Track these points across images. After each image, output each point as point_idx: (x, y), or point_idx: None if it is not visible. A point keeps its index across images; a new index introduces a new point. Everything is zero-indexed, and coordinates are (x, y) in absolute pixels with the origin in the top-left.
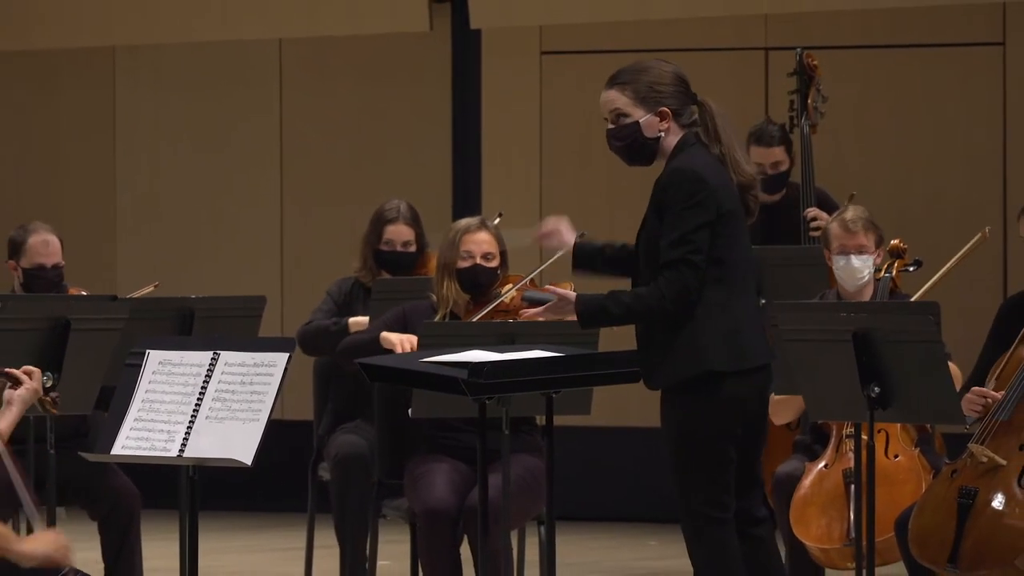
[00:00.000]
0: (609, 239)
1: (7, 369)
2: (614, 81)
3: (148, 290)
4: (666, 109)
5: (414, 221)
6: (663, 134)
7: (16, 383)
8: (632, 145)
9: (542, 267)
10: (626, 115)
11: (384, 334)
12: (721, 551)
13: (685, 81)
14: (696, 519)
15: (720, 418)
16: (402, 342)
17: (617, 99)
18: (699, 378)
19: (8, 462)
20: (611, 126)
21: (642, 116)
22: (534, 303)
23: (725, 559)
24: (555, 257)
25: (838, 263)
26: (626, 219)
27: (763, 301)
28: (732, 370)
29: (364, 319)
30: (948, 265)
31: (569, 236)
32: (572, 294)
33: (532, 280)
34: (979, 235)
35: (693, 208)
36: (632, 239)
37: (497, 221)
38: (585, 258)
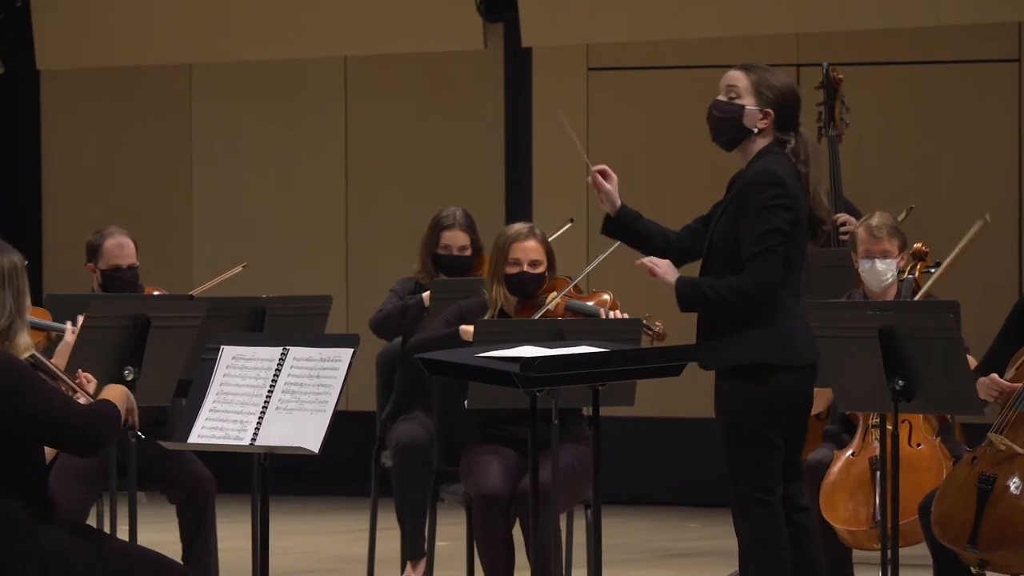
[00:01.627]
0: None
1: (67, 379)
2: (745, 66)
3: (237, 270)
4: (771, 111)
5: (469, 227)
6: (757, 131)
7: (74, 391)
8: (727, 122)
9: (585, 271)
10: (738, 96)
11: (464, 327)
12: (766, 531)
13: (797, 106)
14: (743, 500)
15: (768, 408)
16: None
17: (739, 80)
18: (751, 368)
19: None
20: (721, 98)
21: (750, 104)
22: (578, 313)
23: (770, 538)
24: (597, 261)
25: (864, 266)
26: (666, 221)
27: None
28: (783, 364)
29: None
30: (957, 248)
31: (617, 198)
32: (675, 273)
33: (578, 286)
34: (979, 222)
35: (774, 208)
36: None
37: (568, 226)
38: (626, 219)
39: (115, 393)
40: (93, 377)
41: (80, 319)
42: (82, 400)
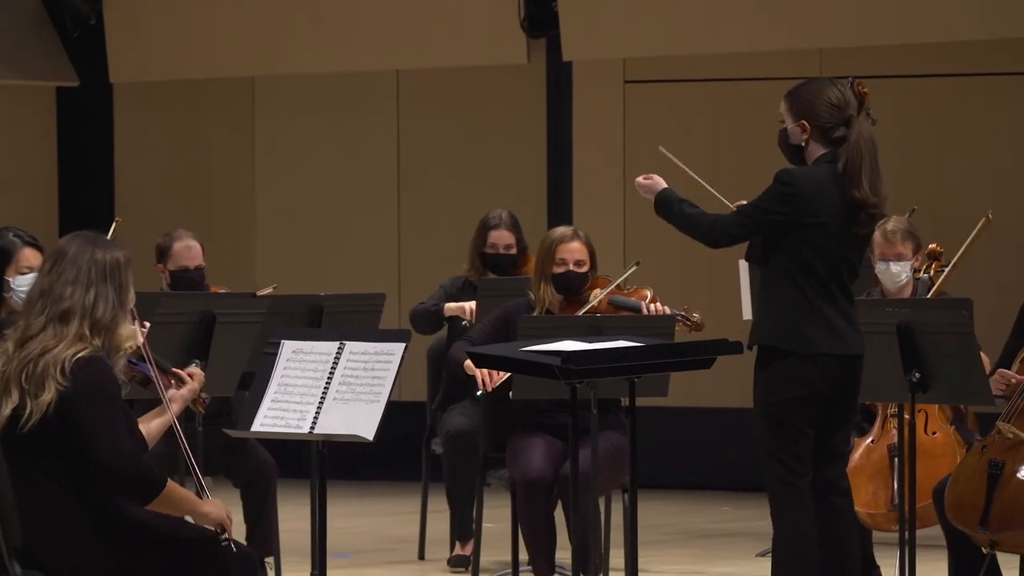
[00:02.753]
0: (691, 248)
1: (175, 370)
2: (787, 93)
3: (268, 291)
4: (805, 123)
5: (514, 227)
6: (805, 144)
7: (180, 383)
8: (782, 146)
9: (626, 274)
10: (783, 121)
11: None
12: (790, 511)
13: (837, 104)
14: (771, 480)
15: (785, 393)
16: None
17: (781, 107)
18: (768, 351)
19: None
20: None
21: (789, 124)
22: (621, 307)
23: (793, 519)
24: (630, 271)
25: (879, 267)
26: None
27: None
28: (791, 350)
29: (457, 305)
30: (964, 244)
31: (661, 182)
32: (662, 184)
33: (620, 285)
34: (983, 220)
35: (773, 198)
36: (711, 250)
37: (633, 269)
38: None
39: (181, 495)
40: (198, 371)
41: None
42: (184, 391)
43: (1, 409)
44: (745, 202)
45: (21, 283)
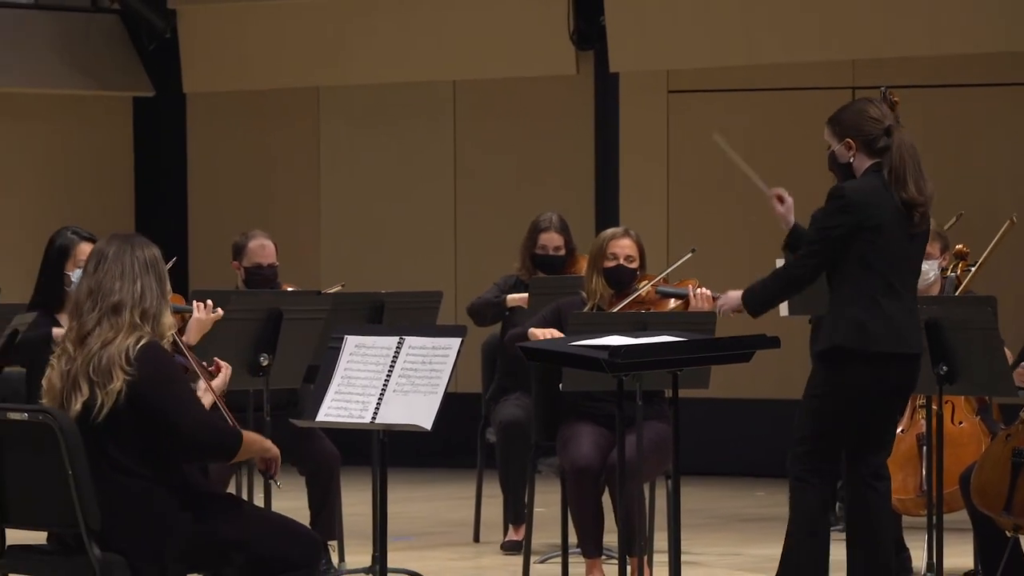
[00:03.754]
0: (731, 248)
1: (217, 361)
2: (827, 120)
3: (336, 288)
4: (850, 140)
5: (564, 230)
6: (852, 160)
7: (211, 376)
8: (833, 168)
9: (681, 260)
10: (829, 145)
11: (532, 330)
12: (803, 498)
13: (875, 118)
14: (793, 465)
15: (844, 391)
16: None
17: (826, 133)
18: (831, 353)
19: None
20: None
21: (836, 146)
22: (667, 296)
23: (806, 505)
24: (681, 261)
25: None
26: (741, 231)
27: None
28: (855, 348)
29: (519, 295)
30: (991, 245)
31: (791, 217)
32: (737, 294)
33: (665, 278)
34: (1008, 222)
35: (830, 214)
36: (751, 249)
37: (688, 256)
38: (797, 235)
39: (253, 437)
40: (226, 364)
41: (208, 302)
42: (206, 396)
43: (72, 404)
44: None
45: (79, 277)
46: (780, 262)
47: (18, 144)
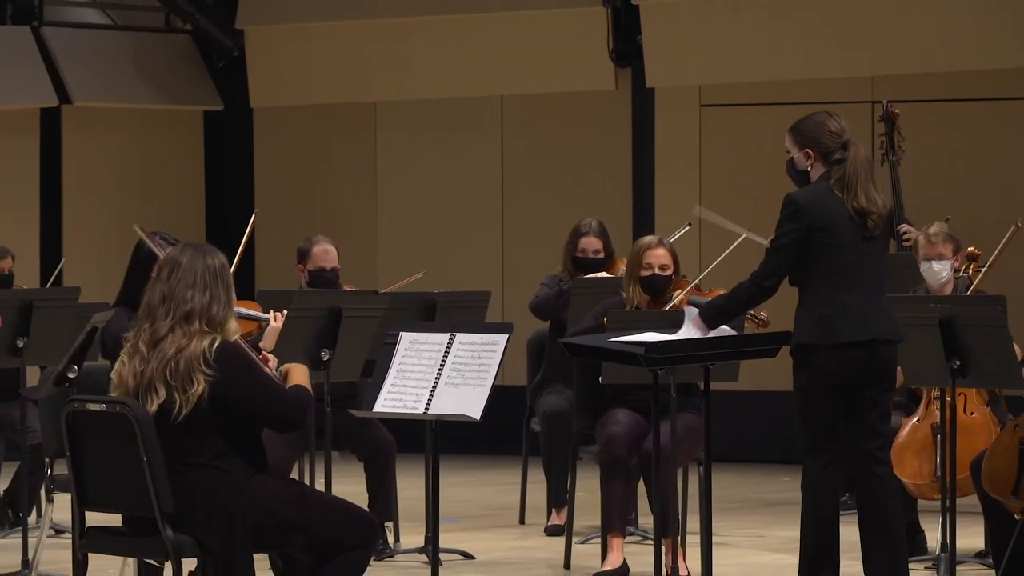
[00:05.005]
0: (760, 253)
1: (264, 354)
2: (790, 128)
3: (415, 277)
4: (809, 151)
5: (603, 234)
6: (810, 168)
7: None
8: (790, 173)
9: (702, 275)
10: (789, 151)
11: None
12: (809, 480)
13: (834, 131)
14: (804, 453)
15: (811, 382)
16: None
17: (786, 140)
18: (798, 349)
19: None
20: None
21: (796, 154)
22: (698, 306)
23: (812, 487)
24: (712, 266)
25: (923, 267)
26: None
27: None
28: (819, 343)
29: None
30: (998, 248)
31: (692, 311)
32: (693, 311)
33: (698, 286)
34: (1013, 227)
35: (783, 222)
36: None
37: (685, 230)
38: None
39: (301, 375)
40: (275, 357)
41: (281, 313)
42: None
43: (148, 405)
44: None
45: None
46: None
47: (99, 154)
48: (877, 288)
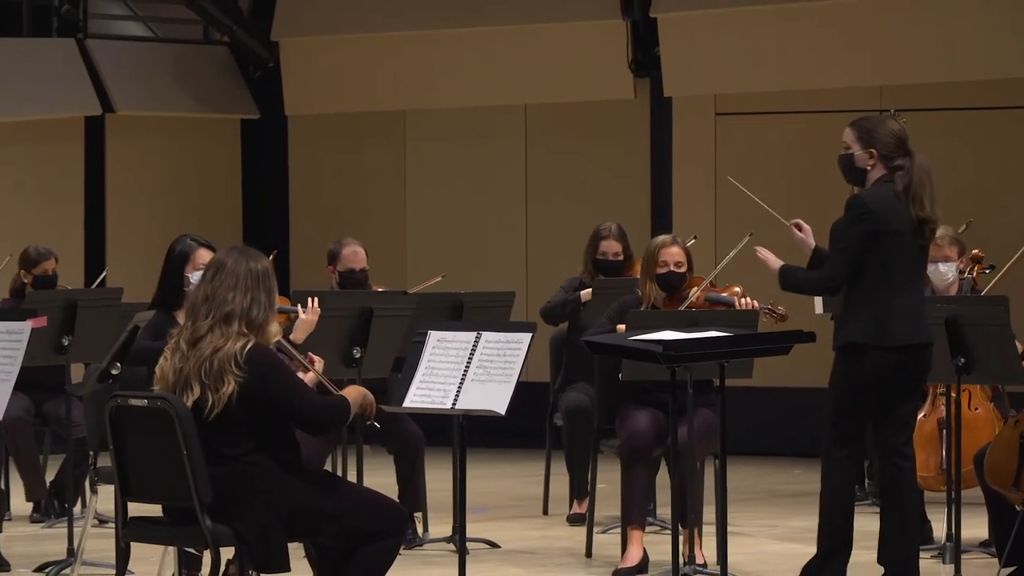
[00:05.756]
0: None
1: (307, 356)
2: (851, 123)
3: (436, 280)
4: (874, 151)
5: (622, 237)
6: (870, 168)
7: (306, 370)
8: (846, 169)
9: (716, 269)
10: (849, 147)
11: (619, 326)
12: (832, 471)
13: (900, 137)
14: (824, 442)
15: (857, 380)
16: None
17: (848, 136)
18: (849, 348)
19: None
20: (841, 152)
21: (858, 151)
22: (716, 303)
23: (834, 477)
24: (725, 261)
25: (930, 268)
26: (783, 238)
27: None
28: (872, 344)
29: (589, 291)
30: (1010, 262)
31: (812, 241)
32: (779, 262)
33: (712, 282)
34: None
35: (851, 223)
36: (791, 254)
37: (692, 242)
38: (819, 256)
39: (353, 393)
40: (321, 358)
41: (311, 301)
42: (309, 375)
43: (184, 400)
44: (800, 220)
45: (197, 279)
46: None
47: (140, 161)
48: (921, 294)
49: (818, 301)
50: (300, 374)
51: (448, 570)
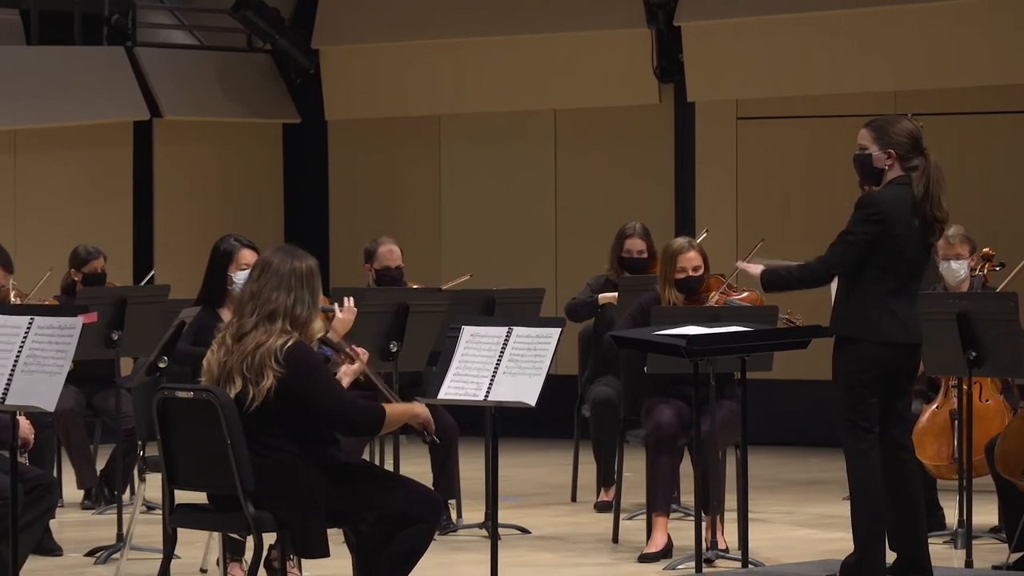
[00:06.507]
0: (792, 251)
1: (348, 349)
2: (868, 124)
3: (465, 278)
4: (892, 151)
5: (646, 236)
6: (887, 168)
7: (352, 361)
8: (863, 169)
9: (735, 272)
10: (866, 148)
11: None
12: (859, 463)
13: (916, 137)
14: (843, 437)
15: (858, 371)
16: None
17: (864, 136)
18: (845, 339)
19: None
20: (857, 152)
21: (875, 151)
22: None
23: (861, 468)
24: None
25: (942, 266)
26: (801, 235)
27: None
28: (866, 338)
29: (609, 295)
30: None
31: (757, 267)
32: (759, 267)
33: (731, 284)
34: None
35: (860, 221)
36: (809, 252)
37: (703, 236)
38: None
39: (399, 408)
40: (365, 350)
41: (347, 300)
42: (355, 367)
43: (227, 392)
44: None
45: (240, 278)
46: None
47: (186, 164)
48: (916, 293)
49: (834, 287)
50: (346, 366)
51: (481, 554)
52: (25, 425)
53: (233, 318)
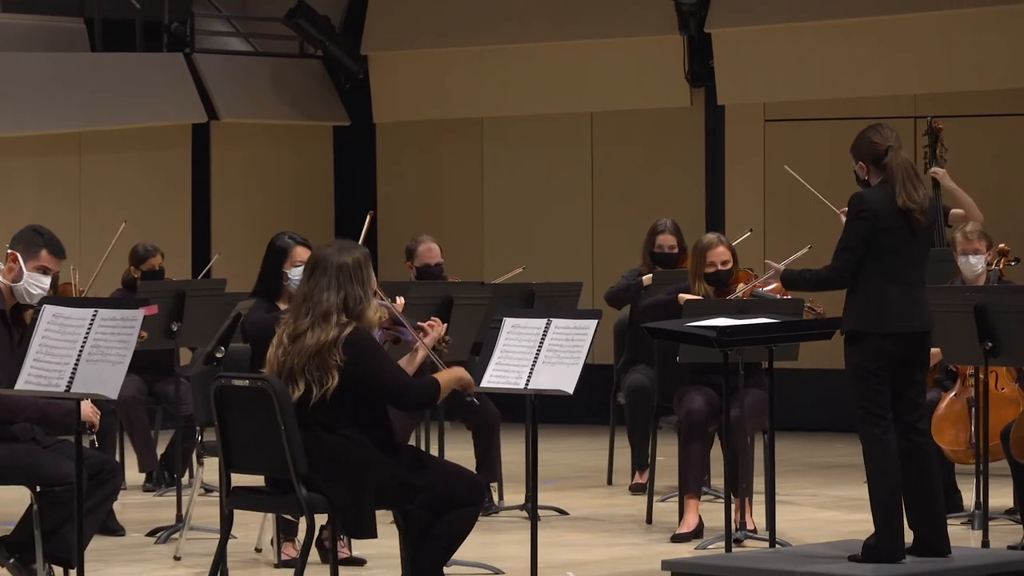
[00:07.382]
0: (816, 249)
1: (419, 323)
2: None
3: (517, 272)
4: (863, 163)
5: (677, 232)
6: (868, 177)
7: (425, 333)
8: (859, 183)
9: (765, 276)
10: (854, 164)
11: (682, 295)
12: (873, 447)
13: (874, 142)
14: (859, 424)
15: (865, 361)
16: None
17: (852, 157)
18: (850, 334)
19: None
20: None
21: (856, 167)
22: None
23: (875, 452)
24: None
25: (960, 261)
26: (827, 234)
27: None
28: (870, 331)
29: (651, 276)
30: None
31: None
32: (780, 267)
33: (755, 276)
34: None
35: (852, 220)
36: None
37: (747, 235)
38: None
39: (448, 375)
40: (438, 320)
41: (399, 300)
42: (427, 339)
43: (291, 393)
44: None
45: (295, 274)
46: None
47: (242, 164)
48: (919, 282)
49: None
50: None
51: (521, 535)
52: (87, 407)
53: (288, 318)
